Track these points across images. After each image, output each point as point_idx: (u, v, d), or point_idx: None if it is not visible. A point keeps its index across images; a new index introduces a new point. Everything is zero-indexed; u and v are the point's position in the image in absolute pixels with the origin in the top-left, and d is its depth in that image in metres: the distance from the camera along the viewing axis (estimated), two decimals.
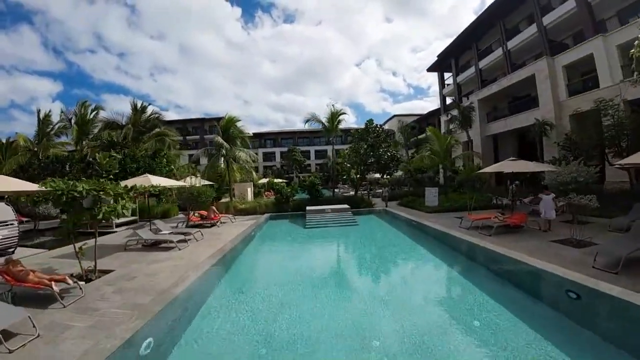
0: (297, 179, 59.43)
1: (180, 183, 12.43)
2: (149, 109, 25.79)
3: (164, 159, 21.67)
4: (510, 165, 11.26)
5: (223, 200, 21.36)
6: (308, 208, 16.97)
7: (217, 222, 14.40)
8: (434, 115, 48.31)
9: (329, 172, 60.08)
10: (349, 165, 20.03)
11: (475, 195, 15.36)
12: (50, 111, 25.89)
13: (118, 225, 16.01)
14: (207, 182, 17.25)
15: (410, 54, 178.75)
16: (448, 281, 7.81)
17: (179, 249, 9.57)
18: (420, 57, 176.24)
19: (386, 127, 72.19)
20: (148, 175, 11.88)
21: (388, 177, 30.36)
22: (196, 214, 16.04)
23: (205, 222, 14.40)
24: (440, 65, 37.62)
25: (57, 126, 25.43)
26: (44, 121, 25.26)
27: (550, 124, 19.30)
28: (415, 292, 6.93)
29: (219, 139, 19.64)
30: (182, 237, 10.47)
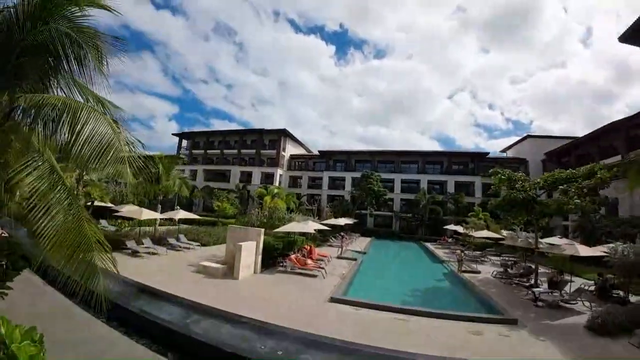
0: (371, 218, 41.10)
1: None
2: None
3: None
4: None
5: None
6: None
7: None
8: (607, 133, 25.29)
9: (422, 214, 40.50)
10: None
11: None
12: None
13: None
14: None
15: (509, 85, 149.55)
16: None
17: None
18: (520, 88, 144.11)
19: (512, 154, 48.80)
20: None
21: None
22: None
23: None
24: None
25: None
26: None
27: None
28: None
29: None
30: None
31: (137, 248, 14.38)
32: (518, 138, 48.23)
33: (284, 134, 47.12)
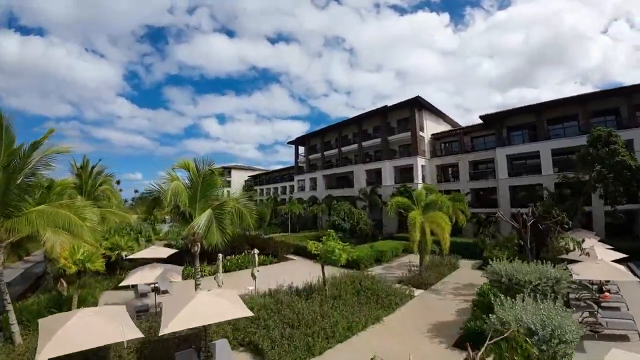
0: (607, 218, 20.85)
1: None
2: None
3: None
4: None
5: None
6: None
7: None
8: None
9: None
10: None
11: None
12: None
13: None
14: None
15: None
16: None
17: None
18: None
19: None
20: None
21: None
22: None
23: None
24: None
25: None
26: None
27: None
28: None
29: None
30: None
31: None
32: None
33: (417, 105, 32.30)
